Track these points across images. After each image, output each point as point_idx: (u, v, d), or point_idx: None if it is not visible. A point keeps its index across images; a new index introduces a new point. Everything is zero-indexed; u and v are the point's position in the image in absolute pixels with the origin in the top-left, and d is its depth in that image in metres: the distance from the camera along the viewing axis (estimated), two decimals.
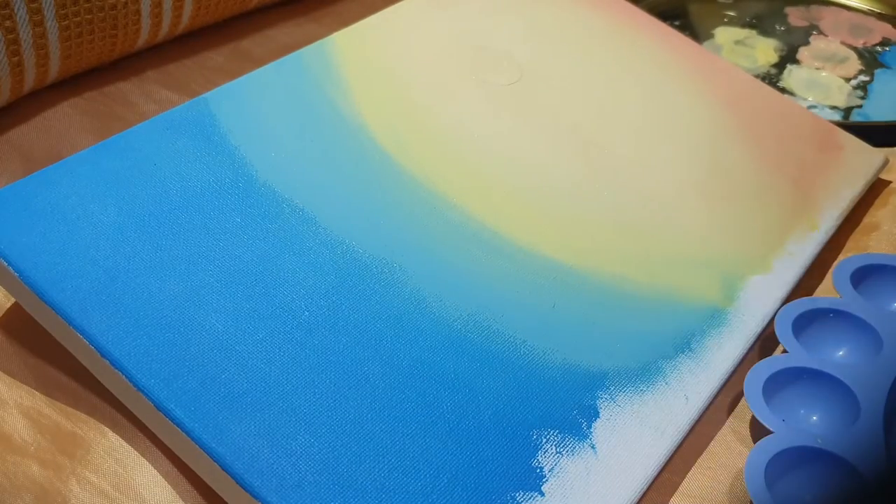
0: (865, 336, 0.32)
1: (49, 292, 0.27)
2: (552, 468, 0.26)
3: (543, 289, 0.31)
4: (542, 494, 0.26)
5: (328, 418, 0.26)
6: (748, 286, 0.33)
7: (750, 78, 0.42)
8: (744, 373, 0.30)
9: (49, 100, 0.41)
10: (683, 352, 0.30)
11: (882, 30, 0.53)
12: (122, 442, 0.28)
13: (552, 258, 0.32)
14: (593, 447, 0.27)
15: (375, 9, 0.41)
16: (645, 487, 0.27)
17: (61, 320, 0.26)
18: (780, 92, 0.46)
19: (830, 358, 0.31)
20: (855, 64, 0.50)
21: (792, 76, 0.48)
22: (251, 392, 0.26)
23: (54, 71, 0.39)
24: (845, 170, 0.39)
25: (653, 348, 0.30)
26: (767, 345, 0.33)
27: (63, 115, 0.40)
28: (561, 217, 0.34)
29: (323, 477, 0.25)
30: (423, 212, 0.32)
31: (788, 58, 0.50)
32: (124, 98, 0.42)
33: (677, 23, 0.51)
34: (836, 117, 0.46)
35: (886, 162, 0.40)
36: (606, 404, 0.28)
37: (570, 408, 0.28)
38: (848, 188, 0.38)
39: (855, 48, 0.51)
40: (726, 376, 0.31)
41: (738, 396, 0.31)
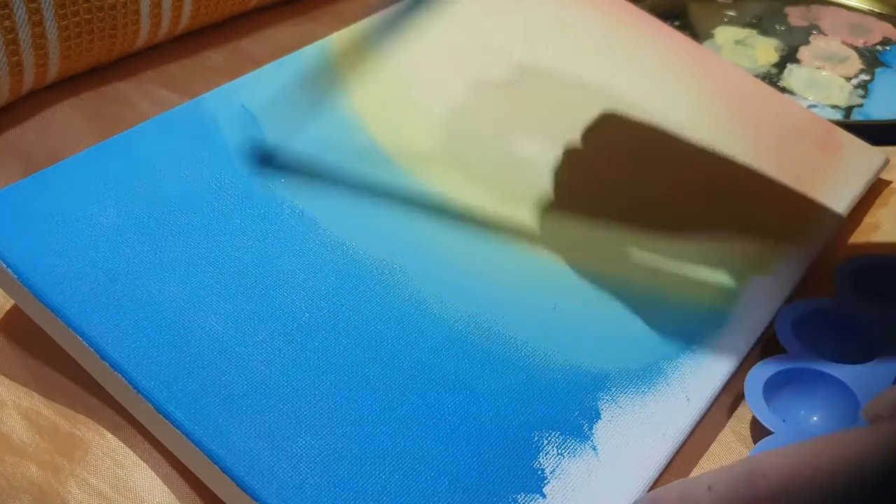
0: (865, 336, 0.32)
1: (48, 294, 0.27)
2: (553, 470, 0.26)
3: (544, 290, 0.31)
4: (544, 496, 0.26)
5: (329, 420, 0.26)
6: (749, 287, 0.33)
7: (750, 77, 0.42)
8: (744, 373, 0.30)
9: (48, 100, 0.41)
10: (685, 353, 0.30)
11: (882, 29, 0.53)
12: (121, 444, 0.28)
13: (553, 259, 0.32)
14: (595, 448, 0.27)
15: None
16: (646, 489, 0.27)
17: (60, 322, 0.26)
18: (781, 91, 0.46)
19: (831, 358, 0.31)
20: (855, 63, 0.49)
21: (792, 75, 0.48)
22: (251, 394, 0.26)
23: (53, 71, 0.39)
24: (845, 169, 0.39)
25: (654, 349, 0.30)
26: (768, 345, 0.33)
27: (62, 115, 0.40)
28: (561, 218, 0.34)
29: (324, 479, 0.24)
30: (423, 213, 0.32)
31: (789, 57, 0.50)
32: (124, 98, 0.42)
33: (677, 23, 0.51)
34: (837, 116, 0.46)
35: (887, 162, 0.40)
36: (608, 406, 0.28)
37: (572, 409, 0.28)
38: (848, 188, 0.38)
39: (855, 47, 0.51)
40: (727, 377, 0.30)
41: (739, 397, 0.31)
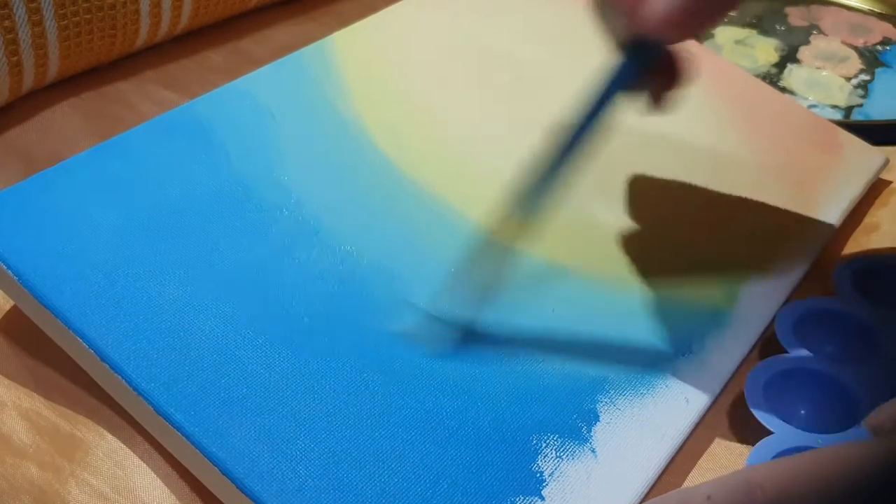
0: (865, 336, 0.32)
1: (48, 296, 0.27)
2: (552, 472, 0.26)
3: (543, 293, 0.31)
4: (543, 499, 0.26)
5: (328, 423, 0.26)
6: (748, 287, 0.33)
7: (750, 77, 0.42)
8: (744, 374, 0.30)
9: (48, 100, 0.41)
10: (684, 354, 0.30)
11: (882, 29, 0.52)
12: (122, 444, 0.28)
13: (552, 261, 0.32)
14: (593, 451, 0.27)
15: (375, 8, 0.41)
16: (646, 491, 0.27)
17: (60, 324, 0.26)
18: (781, 91, 0.46)
19: (831, 358, 0.31)
20: (855, 63, 0.49)
21: (792, 75, 0.48)
22: (251, 396, 0.26)
23: (53, 71, 0.39)
24: (845, 169, 0.39)
25: (653, 351, 0.30)
26: (768, 346, 0.33)
27: (62, 116, 0.40)
28: (560, 219, 0.34)
29: (323, 482, 0.24)
30: (422, 215, 0.32)
31: (789, 57, 0.50)
32: (123, 98, 0.42)
33: None
34: (837, 116, 0.46)
35: (887, 162, 0.40)
36: (606, 408, 0.28)
37: (570, 412, 0.28)
38: (848, 188, 0.38)
39: (855, 47, 0.51)
40: (727, 378, 0.30)
41: (739, 397, 0.31)
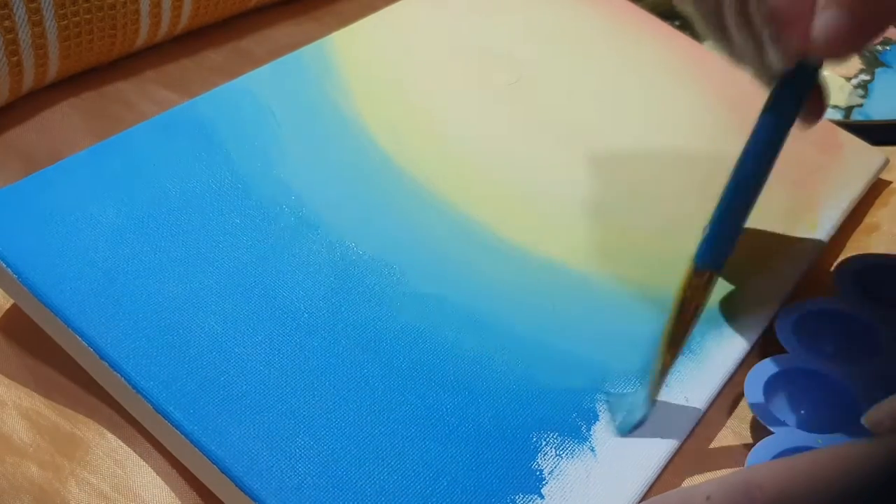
0: (865, 336, 0.32)
1: (47, 294, 0.27)
2: (552, 471, 0.26)
3: (543, 290, 0.31)
4: (542, 497, 0.26)
5: (328, 421, 0.26)
6: (748, 287, 0.33)
7: (750, 77, 0.42)
8: (744, 373, 0.30)
9: (48, 100, 0.41)
10: (683, 353, 0.30)
11: None
12: (122, 443, 0.28)
13: (552, 259, 0.32)
14: (593, 450, 0.27)
15: (375, 8, 0.41)
16: (645, 489, 0.27)
17: (60, 322, 0.26)
18: None
19: (831, 358, 0.31)
20: (855, 63, 0.49)
21: None
22: (250, 394, 0.26)
23: (53, 71, 0.39)
24: (845, 170, 0.39)
25: (653, 350, 0.30)
26: (768, 345, 0.33)
27: (62, 115, 0.40)
28: (560, 217, 0.34)
29: (322, 479, 0.24)
30: (423, 213, 0.32)
31: None
32: (123, 98, 0.42)
33: (677, 23, 0.50)
34: (837, 116, 0.46)
35: (887, 162, 0.40)
36: (606, 406, 0.28)
37: (570, 410, 0.28)
38: (848, 188, 0.38)
39: None
40: (726, 377, 0.30)
41: (739, 397, 0.31)
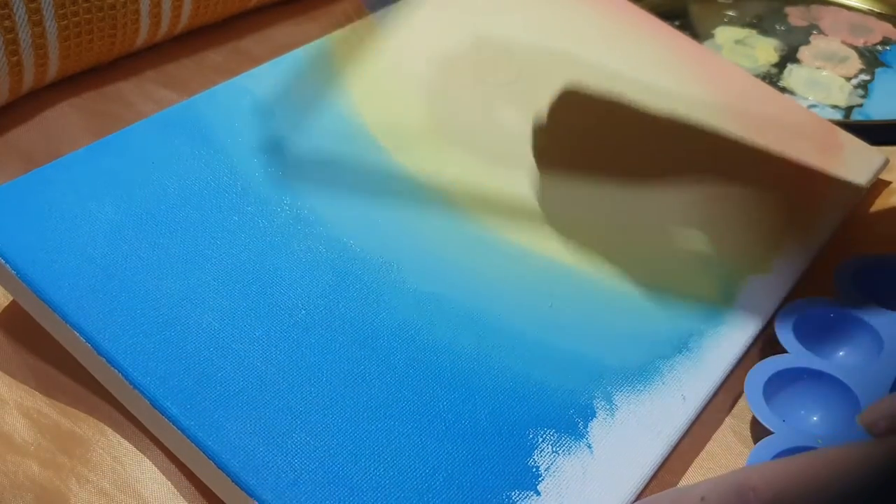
0: (865, 336, 0.32)
1: (46, 290, 0.27)
2: (548, 467, 0.26)
3: (541, 288, 0.31)
4: (538, 493, 0.26)
5: (324, 416, 0.26)
6: (748, 286, 0.33)
7: (750, 77, 0.42)
8: (744, 373, 0.30)
9: (48, 100, 0.41)
10: (681, 352, 0.30)
11: (882, 29, 0.52)
12: (122, 440, 0.28)
13: (550, 257, 0.32)
14: (590, 447, 0.27)
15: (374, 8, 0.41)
16: (641, 487, 0.27)
17: (58, 318, 0.26)
18: (781, 91, 0.46)
19: (831, 358, 0.31)
20: (855, 63, 0.49)
21: (792, 75, 0.48)
22: (247, 390, 0.26)
23: (53, 71, 0.39)
24: (845, 170, 0.39)
25: (650, 348, 0.30)
26: (768, 345, 0.33)
27: (62, 115, 0.40)
28: (559, 216, 0.34)
29: (319, 475, 0.24)
30: (421, 211, 0.32)
31: (789, 57, 0.50)
32: (123, 98, 0.42)
33: (677, 23, 0.51)
34: (837, 116, 0.46)
35: (886, 162, 0.40)
36: (603, 404, 0.28)
37: (567, 407, 0.28)
38: (848, 188, 0.38)
39: (855, 47, 0.51)
40: (724, 376, 0.30)
41: (739, 397, 0.31)
